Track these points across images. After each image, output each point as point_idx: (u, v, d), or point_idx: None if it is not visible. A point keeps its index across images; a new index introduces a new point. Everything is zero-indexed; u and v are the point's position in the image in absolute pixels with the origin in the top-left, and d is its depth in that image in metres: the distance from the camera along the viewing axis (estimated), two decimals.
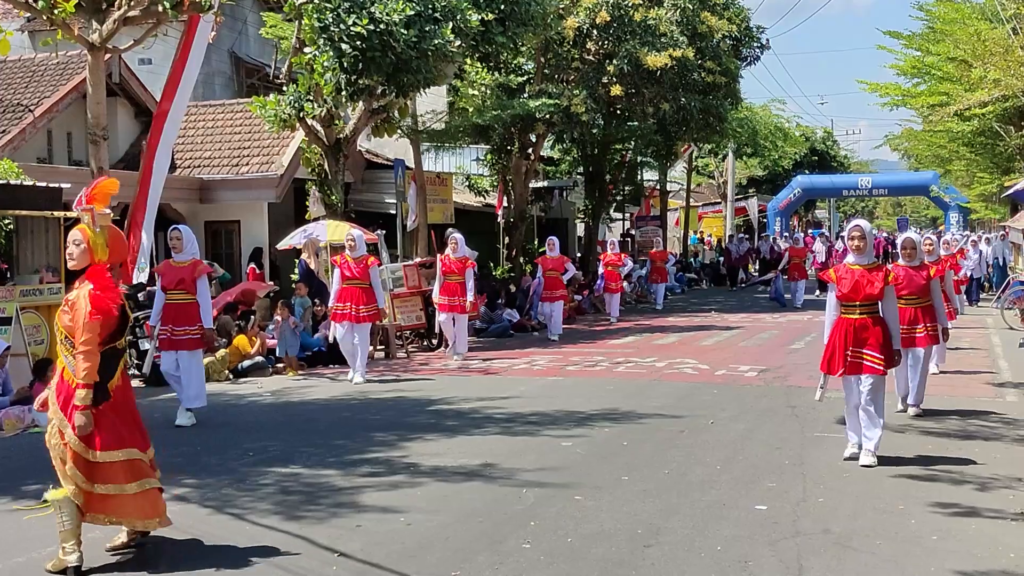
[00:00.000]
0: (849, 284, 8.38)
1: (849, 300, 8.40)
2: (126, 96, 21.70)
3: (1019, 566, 5.88)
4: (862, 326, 8.37)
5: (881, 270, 8.48)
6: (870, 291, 8.33)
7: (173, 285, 10.90)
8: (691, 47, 25.26)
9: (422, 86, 17.70)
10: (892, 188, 47.16)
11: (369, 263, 14.21)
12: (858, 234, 8.50)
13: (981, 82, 22.11)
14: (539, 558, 6.07)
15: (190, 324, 10.80)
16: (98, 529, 6.31)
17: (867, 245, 8.47)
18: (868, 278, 8.35)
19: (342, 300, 14.06)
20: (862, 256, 8.47)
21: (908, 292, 10.53)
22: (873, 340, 8.33)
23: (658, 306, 26.62)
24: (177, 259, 11.03)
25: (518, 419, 10.74)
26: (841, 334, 8.41)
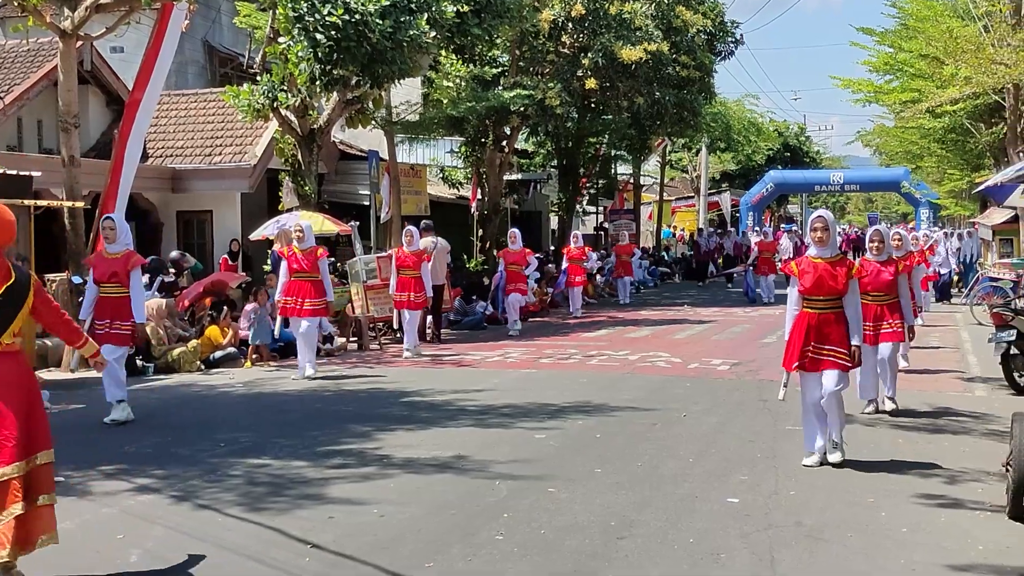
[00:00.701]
0: (811, 278, 8.05)
1: (811, 295, 8.09)
2: (98, 84, 21.52)
3: (987, 558, 5.94)
4: (824, 321, 8.06)
5: (845, 263, 8.16)
6: (833, 285, 8.02)
7: (106, 278, 10.33)
8: (666, 41, 25.33)
9: (397, 77, 17.65)
10: (864, 184, 47.43)
11: (318, 255, 13.64)
12: (820, 225, 8.16)
13: (952, 79, 22.26)
14: (512, 550, 6.07)
15: (126, 319, 10.25)
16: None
17: (830, 237, 8.14)
18: (831, 272, 8.03)
19: (289, 294, 13.46)
20: (825, 248, 8.13)
21: (874, 288, 10.37)
22: (836, 336, 8.05)
23: (622, 301, 26.28)
24: (110, 250, 10.46)
25: (491, 411, 10.74)
26: (803, 329, 8.10)
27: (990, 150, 29.05)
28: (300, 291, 13.42)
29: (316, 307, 13.48)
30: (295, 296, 13.42)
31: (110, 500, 7.23)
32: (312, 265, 13.47)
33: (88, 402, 11.66)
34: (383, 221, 21.71)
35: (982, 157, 31.09)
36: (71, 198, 14.85)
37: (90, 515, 6.87)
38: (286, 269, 13.53)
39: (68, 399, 11.74)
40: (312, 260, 13.50)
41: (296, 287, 13.45)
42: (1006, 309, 12.21)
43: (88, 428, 10.08)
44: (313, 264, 13.49)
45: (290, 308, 13.48)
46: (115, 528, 6.55)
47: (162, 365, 14.24)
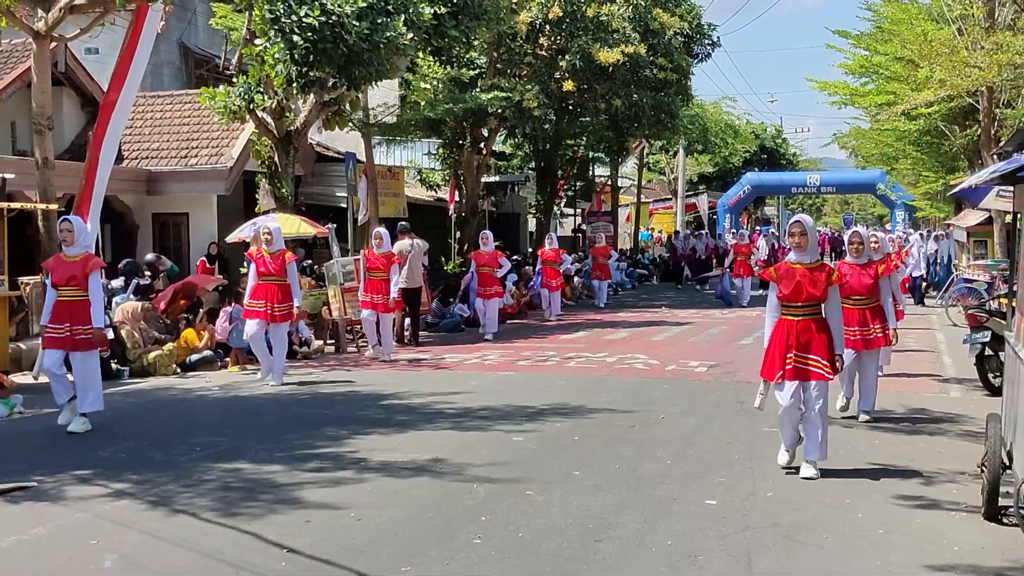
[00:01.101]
0: (790, 284, 7.85)
1: (790, 301, 7.88)
2: (72, 86, 21.35)
3: (963, 559, 5.97)
4: (804, 328, 7.84)
5: (824, 269, 7.94)
6: (812, 292, 7.81)
7: (64, 281, 10.00)
8: (643, 43, 25.40)
9: (374, 79, 17.60)
10: (840, 186, 47.66)
11: (287, 258, 13.31)
12: (798, 230, 7.95)
13: (927, 82, 22.38)
14: (490, 553, 6.05)
15: (87, 323, 9.95)
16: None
17: (808, 242, 7.94)
18: (811, 278, 7.83)
19: (257, 297, 13.10)
20: (804, 254, 7.93)
21: (855, 292, 10.16)
22: (817, 344, 7.83)
23: (600, 304, 25.91)
24: (68, 253, 10.14)
25: (469, 414, 10.72)
26: (782, 337, 7.88)
27: (964, 152, 29.24)
28: (268, 295, 13.10)
29: (283, 312, 13.17)
30: (263, 300, 13.09)
31: (84, 505, 7.17)
32: (280, 268, 13.17)
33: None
34: (360, 223, 21.63)
35: (956, 159, 31.28)
36: (45, 200, 14.73)
37: (63, 520, 6.80)
38: (254, 272, 13.27)
39: (41, 403, 11.62)
40: (280, 263, 13.20)
41: (264, 290, 13.14)
42: (980, 310, 12.29)
43: (61, 432, 9.97)
44: (281, 267, 13.18)
45: (258, 312, 13.10)
46: (89, 533, 6.49)
47: (137, 369, 14.14)
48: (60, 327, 9.98)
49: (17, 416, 10.94)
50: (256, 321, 13.10)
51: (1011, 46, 18.36)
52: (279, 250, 13.32)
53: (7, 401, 11.14)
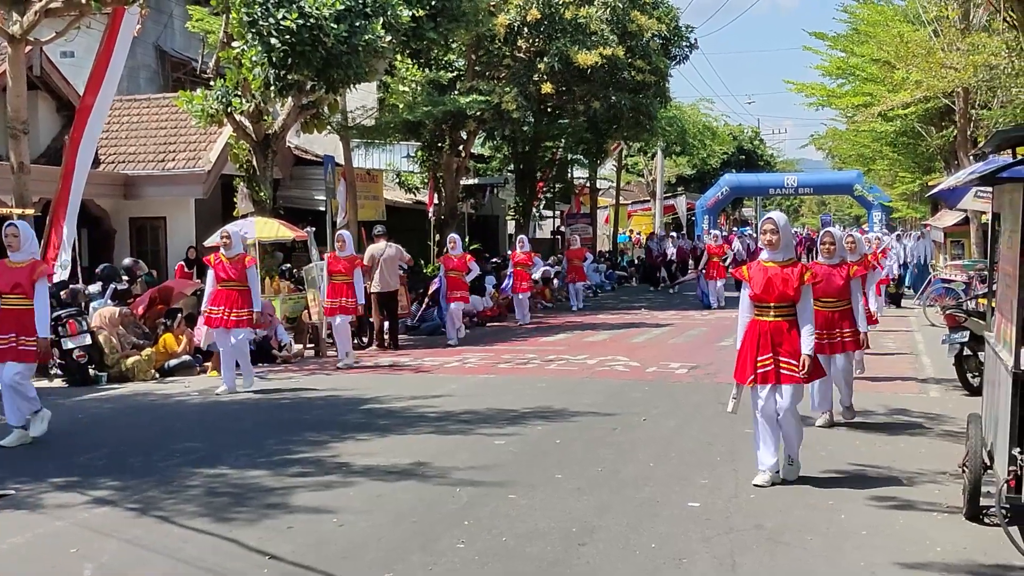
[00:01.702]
0: (761, 283, 7.60)
1: (762, 301, 7.62)
2: (47, 89, 21.22)
3: (946, 559, 5.98)
4: (776, 330, 7.58)
5: (797, 268, 7.66)
6: (784, 291, 7.53)
7: (9, 289, 9.54)
8: (621, 46, 25.42)
9: (352, 82, 17.54)
10: (817, 187, 47.94)
11: (246, 263, 12.90)
12: (770, 227, 7.71)
13: (904, 83, 22.50)
14: (473, 557, 6.02)
15: (33, 333, 9.51)
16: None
17: (781, 239, 7.68)
18: (783, 276, 7.56)
19: (216, 303, 12.70)
20: (776, 252, 7.68)
21: (825, 293, 9.75)
22: (790, 346, 7.55)
23: (574, 307, 25.50)
24: (13, 259, 9.65)
25: (450, 418, 10.68)
26: (754, 339, 7.63)
27: (941, 153, 29.41)
28: (227, 301, 12.67)
29: (241, 318, 12.68)
30: (221, 306, 12.68)
31: (62, 513, 7.09)
32: (240, 274, 12.75)
33: None
34: (339, 227, 21.56)
35: (933, 160, 31.46)
36: (21, 205, 14.62)
37: (42, 528, 6.73)
38: (212, 278, 12.88)
39: None
40: (240, 268, 12.78)
41: (223, 296, 12.71)
42: (959, 311, 12.35)
43: (40, 439, 9.86)
44: (241, 273, 12.75)
45: (215, 319, 12.74)
46: (68, 542, 6.42)
47: (115, 374, 14.04)
48: (6, 337, 9.50)
49: None
50: (219, 329, 12.79)
51: (986, 47, 18.48)
52: (238, 255, 12.95)
53: None
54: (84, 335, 13.70)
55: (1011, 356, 6.00)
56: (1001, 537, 6.05)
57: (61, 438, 9.94)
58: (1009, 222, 6.56)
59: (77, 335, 13.63)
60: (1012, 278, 6.15)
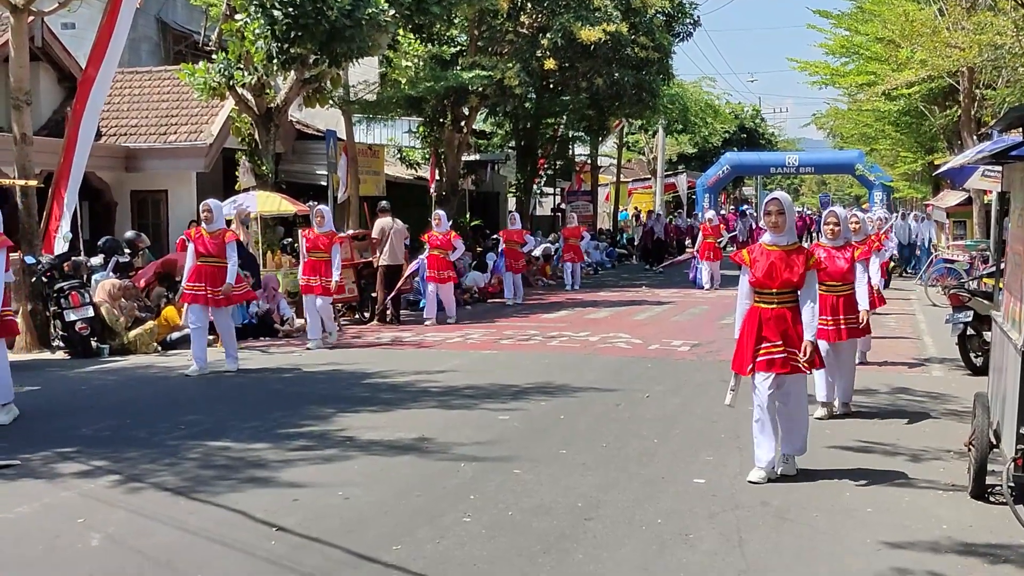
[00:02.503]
0: (764, 268, 7.15)
1: (764, 287, 7.17)
2: (49, 61, 21.10)
3: (951, 537, 5.99)
4: (779, 317, 7.14)
5: (802, 252, 7.23)
6: (788, 276, 7.09)
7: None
8: (625, 22, 25.31)
9: (355, 56, 17.46)
10: (818, 166, 47.77)
11: (227, 238, 12.33)
12: (775, 208, 7.24)
13: (908, 62, 22.41)
14: (480, 532, 6.03)
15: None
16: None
17: (786, 222, 7.21)
18: (787, 261, 7.12)
19: (196, 279, 12.15)
20: (780, 235, 7.21)
21: (829, 277, 9.31)
22: (794, 334, 7.12)
23: (569, 286, 24.79)
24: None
25: (454, 393, 10.69)
26: (754, 327, 7.18)
27: (944, 133, 29.33)
28: (207, 277, 12.12)
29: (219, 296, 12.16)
30: (202, 282, 12.12)
31: (68, 483, 7.11)
32: (219, 249, 12.17)
33: (42, 384, 11.48)
34: (340, 201, 21.53)
35: (936, 140, 31.37)
36: (24, 176, 14.57)
37: (49, 498, 6.74)
38: (192, 253, 12.29)
39: (22, 381, 11.52)
40: (220, 243, 12.20)
41: (203, 272, 12.16)
42: (962, 290, 12.34)
43: (44, 410, 9.89)
44: (221, 248, 12.18)
45: (196, 295, 12.17)
46: (75, 512, 6.43)
47: (117, 347, 14.02)
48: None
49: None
50: (198, 307, 12.20)
51: (992, 26, 18.38)
52: (219, 229, 12.38)
53: None
54: (86, 307, 13.68)
55: (1020, 335, 5.99)
56: (1007, 515, 6.06)
57: (65, 410, 9.97)
58: (1019, 201, 6.55)
59: (79, 307, 13.63)
60: (1022, 257, 6.14)
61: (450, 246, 17.70)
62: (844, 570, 5.49)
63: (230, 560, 5.59)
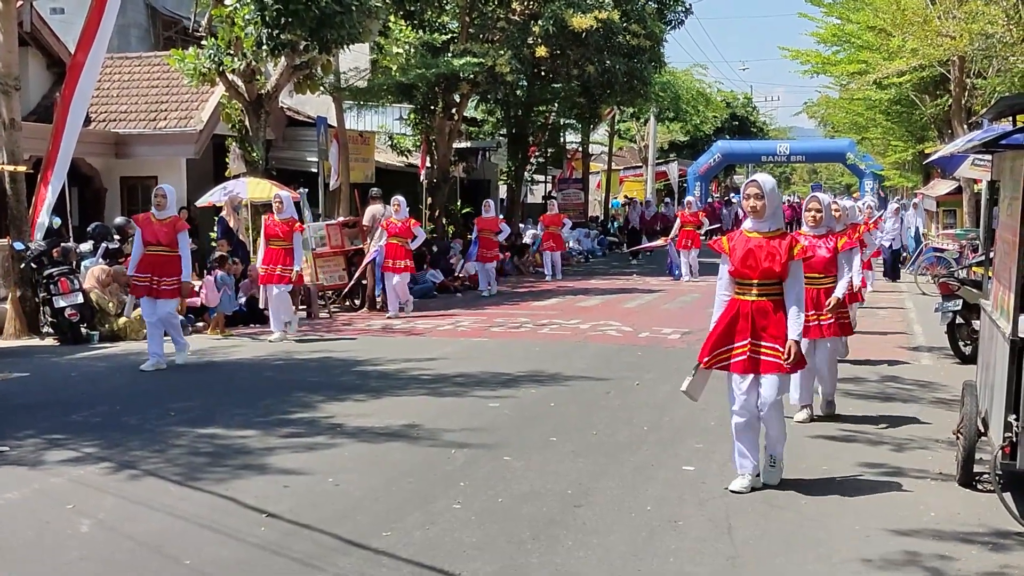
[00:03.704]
0: (742, 256, 6.58)
1: (743, 277, 6.57)
2: (38, 46, 20.98)
3: (939, 524, 6.02)
4: (760, 311, 6.54)
5: (786, 239, 6.64)
6: (769, 266, 6.52)
7: None
8: (616, 9, 25.27)
9: (345, 42, 17.44)
10: (810, 155, 47.80)
11: (178, 226, 11.59)
12: (755, 191, 6.61)
13: (899, 51, 22.39)
14: (470, 518, 6.05)
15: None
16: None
17: (768, 206, 6.59)
18: (768, 249, 6.54)
19: (142, 269, 11.45)
20: (762, 221, 6.62)
21: (809, 268, 8.20)
22: (775, 329, 6.54)
23: (549, 276, 23.86)
24: None
25: (444, 380, 10.70)
26: (727, 319, 6.64)
27: (934, 122, 29.33)
28: (153, 267, 11.42)
29: (170, 287, 11.47)
30: (148, 272, 11.42)
31: (58, 469, 7.10)
32: (170, 238, 11.45)
33: (31, 370, 11.46)
34: (332, 188, 21.49)
35: (926, 129, 31.38)
36: (12, 162, 14.51)
37: (37, 485, 6.74)
38: (140, 241, 11.53)
39: (10, 367, 11.51)
40: (170, 232, 11.48)
41: (149, 262, 11.44)
42: (952, 279, 12.38)
43: (33, 397, 9.88)
44: (171, 237, 11.46)
45: (141, 286, 11.50)
46: (64, 498, 6.43)
47: (107, 333, 13.99)
48: None
49: None
50: (148, 299, 11.50)
51: (983, 15, 18.38)
52: (170, 216, 11.65)
53: None
54: (76, 293, 13.65)
55: (1009, 323, 6.02)
56: (994, 503, 6.10)
57: (55, 396, 9.95)
58: (1009, 189, 6.56)
59: (69, 293, 13.59)
60: (1011, 246, 6.16)
61: (410, 234, 16.63)
62: (832, 557, 5.51)
63: (221, 546, 5.59)
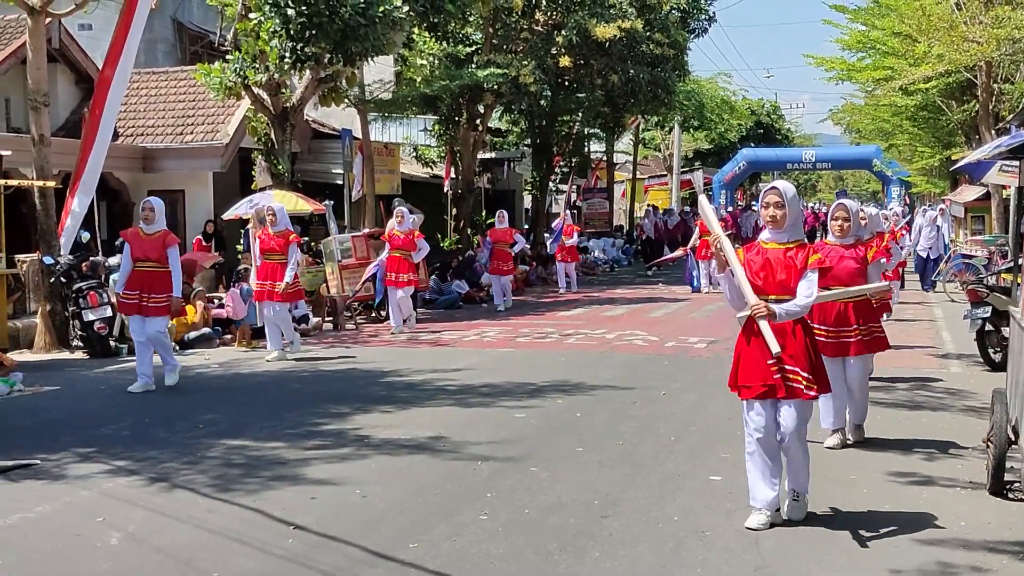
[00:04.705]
0: (758, 270, 6.05)
1: (760, 293, 5.97)
2: (66, 62, 21.19)
3: (969, 533, 5.97)
4: (778, 331, 5.95)
5: (803, 250, 6.09)
6: (786, 279, 6.00)
7: None
8: (640, 18, 25.31)
9: (369, 54, 17.53)
10: (835, 162, 47.42)
11: (167, 241, 11.04)
12: (775, 199, 6.07)
13: (925, 57, 22.29)
14: (497, 529, 6.04)
15: None
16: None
17: (786, 216, 6.06)
18: (785, 262, 6.01)
19: (131, 287, 10.94)
20: (780, 231, 6.10)
21: (835, 281, 7.82)
22: (797, 351, 6.01)
23: (561, 289, 23.35)
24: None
25: (470, 391, 10.71)
26: (747, 340, 6.13)
27: (962, 128, 29.19)
28: (142, 284, 10.89)
29: (158, 304, 10.92)
30: (136, 290, 10.90)
31: (88, 482, 7.15)
32: (160, 253, 10.92)
33: (61, 384, 11.55)
34: (354, 200, 21.57)
35: (954, 135, 31.23)
36: (42, 177, 14.66)
37: (68, 498, 6.78)
38: (128, 256, 11.06)
39: (41, 380, 11.60)
40: (160, 247, 10.94)
41: (139, 279, 10.93)
42: (980, 286, 12.28)
43: (63, 410, 9.97)
44: (161, 252, 10.92)
45: (129, 304, 11.02)
46: (94, 511, 6.47)
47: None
48: None
49: (16, 394, 10.90)
50: (137, 318, 11.04)
51: (1010, 20, 18.27)
52: (159, 231, 11.06)
53: (7, 379, 11.11)
54: (105, 307, 13.77)
55: None
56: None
57: (85, 409, 10.04)
58: None
59: (98, 307, 13.72)
60: None
61: (413, 246, 15.92)
62: (861, 566, 5.47)
63: (248, 558, 5.61)
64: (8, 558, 5.63)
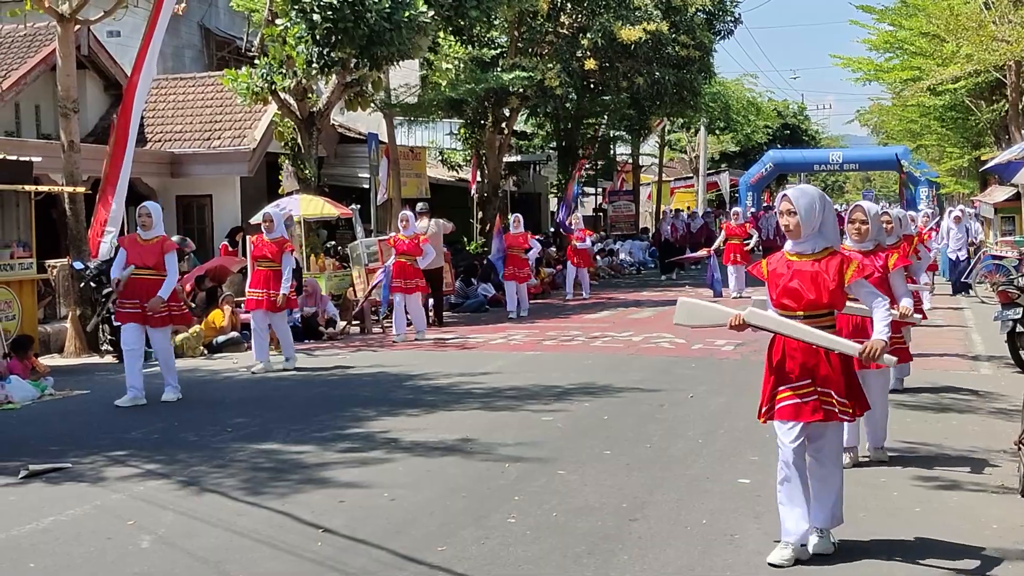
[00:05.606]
0: (783, 285, 5.57)
1: (786, 310, 5.55)
2: (95, 69, 21.40)
3: (1002, 537, 5.92)
4: (808, 350, 5.51)
5: (836, 259, 5.51)
6: (816, 297, 5.49)
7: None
8: (665, 21, 25.28)
9: (395, 59, 17.60)
10: (863, 163, 47.22)
11: (165, 247, 10.58)
12: (786, 207, 5.52)
13: (953, 57, 22.17)
14: (525, 532, 6.05)
15: None
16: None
17: (804, 225, 5.49)
18: (812, 275, 5.49)
19: (128, 296, 10.52)
20: (801, 241, 5.54)
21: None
22: (829, 372, 5.51)
23: (568, 295, 22.46)
24: None
25: (497, 394, 10.72)
26: (775, 360, 5.68)
27: (991, 128, 28.99)
28: (141, 292, 10.42)
29: (163, 313, 10.50)
30: (134, 298, 10.47)
31: (119, 486, 7.21)
32: (156, 260, 10.48)
33: (91, 387, 11.65)
34: (379, 203, 21.65)
35: (983, 135, 31.02)
36: (71, 183, 14.80)
37: (99, 501, 6.85)
38: (122, 260, 10.65)
39: (71, 385, 11.71)
40: (157, 254, 10.50)
41: (136, 287, 10.46)
42: (1011, 287, 12.17)
43: (93, 413, 10.07)
44: (158, 259, 10.48)
45: (125, 313, 10.57)
46: (125, 514, 6.53)
47: None
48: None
49: (48, 398, 11.02)
50: (132, 326, 10.55)
51: None
52: (157, 237, 10.60)
53: (38, 383, 11.24)
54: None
55: None
56: None
57: (114, 413, 10.12)
58: None
59: None
60: None
61: (419, 251, 15.63)
62: (890, 570, 5.44)
63: (278, 561, 5.64)
64: (42, 562, 5.68)
